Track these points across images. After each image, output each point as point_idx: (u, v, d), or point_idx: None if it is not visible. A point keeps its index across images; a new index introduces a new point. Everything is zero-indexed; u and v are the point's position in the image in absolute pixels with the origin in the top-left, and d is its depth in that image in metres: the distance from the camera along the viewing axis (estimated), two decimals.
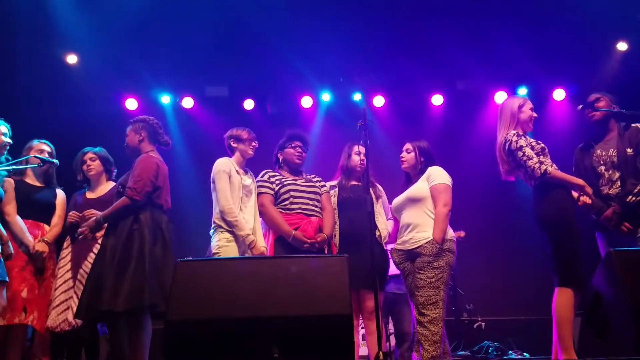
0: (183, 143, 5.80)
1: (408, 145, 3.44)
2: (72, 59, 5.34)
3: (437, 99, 6.05)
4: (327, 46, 5.36)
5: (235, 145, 3.44)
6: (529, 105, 3.25)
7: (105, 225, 3.05)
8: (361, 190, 3.33)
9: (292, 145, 3.50)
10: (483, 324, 5.20)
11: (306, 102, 6.01)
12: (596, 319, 2.01)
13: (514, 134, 3.12)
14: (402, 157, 3.41)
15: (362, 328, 3.70)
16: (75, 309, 3.10)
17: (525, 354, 4.45)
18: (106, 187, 3.56)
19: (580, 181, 3.06)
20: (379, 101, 6.05)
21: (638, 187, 3.04)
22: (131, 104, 5.77)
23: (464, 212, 5.50)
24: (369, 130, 3.04)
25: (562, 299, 2.84)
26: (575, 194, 3.08)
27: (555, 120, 5.90)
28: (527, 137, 3.14)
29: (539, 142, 3.14)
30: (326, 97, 6.03)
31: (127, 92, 5.77)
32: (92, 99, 5.39)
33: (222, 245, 3.14)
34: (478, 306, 5.29)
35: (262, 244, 3.25)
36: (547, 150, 3.13)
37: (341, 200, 3.48)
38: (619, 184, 3.12)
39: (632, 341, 1.80)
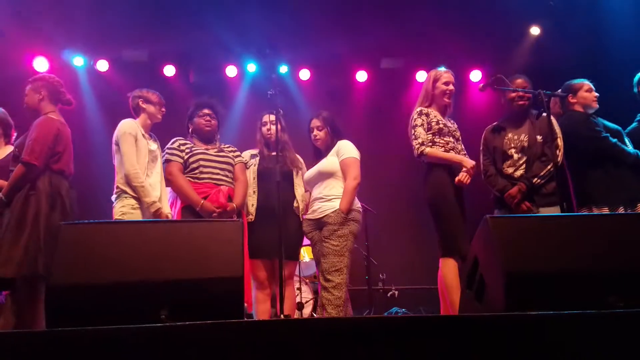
0: (97, 108, 5.53)
1: (317, 122, 3.47)
2: None
3: (362, 76, 6.15)
4: (253, 16, 5.28)
5: (144, 106, 3.31)
6: (443, 79, 3.30)
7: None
8: (278, 161, 3.35)
9: (200, 114, 3.44)
10: (396, 292, 5.43)
11: (231, 71, 5.90)
12: (474, 282, 2.16)
13: (418, 112, 3.25)
14: (316, 136, 3.45)
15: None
16: None
17: None
18: (4, 151, 3.35)
19: (457, 158, 3.17)
20: (304, 75, 6.06)
21: (545, 171, 3.23)
22: (41, 64, 5.40)
23: (383, 186, 5.71)
24: (280, 98, 3.07)
25: (447, 268, 3.02)
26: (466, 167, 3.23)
27: (472, 100, 6.17)
28: (429, 115, 3.22)
29: (441, 122, 3.23)
30: (252, 67, 5.95)
31: (36, 52, 5.39)
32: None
33: (126, 212, 3.04)
34: (392, 275, 5.51)
35: (168, 211, 3.20)
36: (446, 131, 3.22)
37: (260, 170, 3.48)
38: (524, 167, 3.31)
39: (502, 301, 1.96)
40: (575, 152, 3.34)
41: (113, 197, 3.15)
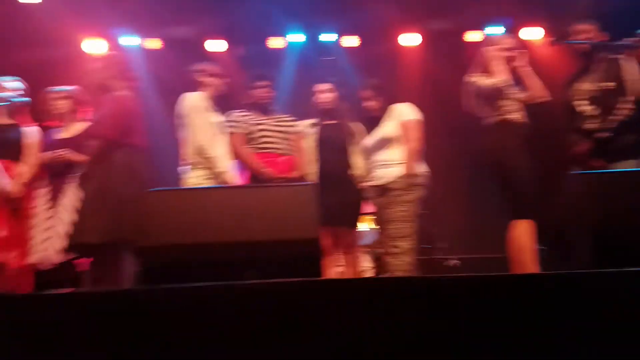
0: (149, 86, 5.63)
1: (367, 93, 3.37)
2: None
3: (411, 39, 5.99)
4: None
5: (207, 79, 3.34)
6: (503, 45, 3.13)
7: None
8: (337, 129, 3.33)
9: (258, 85, 3.45)
10: (458, 262, 5.33)
11: (276, 43, 5.88)
12: (560, 242, 2.09)
13: (469, 76, 3.14)
14: (369, 105, 3.37)
15: None
16: (53, 246, 3.13)
17: None
18: (78, 127, 3.45)
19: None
20: (351, 41, 5.95)
21: (614, 122, 3.00)
22: (94, 45, 5.55)
23: (443, 152, 5.58)
24: (336, 67, 3.03)
25: (521, 229, 2.88)
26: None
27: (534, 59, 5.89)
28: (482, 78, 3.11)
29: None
30: (297, 37, 5.89)
31: (89, 32, 5.53)
32: (52, 39, 5.18)
33: (198, 182, 3.11)
34: (453, 244, 5.41)
35: (236, 180, 3.25)
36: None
37: (319, 139, 3.48)
38: (597, 119, 3.09)
39: (590, 257, 1.89)
40: None
41: (183, 169, 3.23)
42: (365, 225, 4.99)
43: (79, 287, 3.29)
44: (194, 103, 3.19)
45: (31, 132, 3.41)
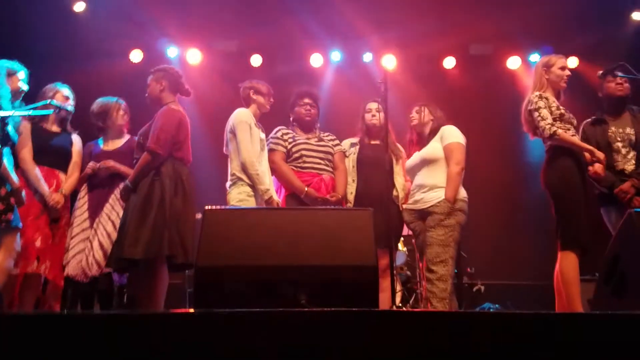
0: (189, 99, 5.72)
1: (412, 115, 3.41)
2: (79, 6, 5.20)
3: (449, 62, 5.98)
4: (339, 3, 5.26)
5: (254, 96, 3.37)
6: (558, 64, 3.22)
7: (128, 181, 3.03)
8: (381, 149, 3.33)
9: (300, 103, 3.47)
10: (482, 287, 5.27)
11: (316, 60, 5.91)
12: (614, 277, 2.05)
13: (536, 96, 3.14)
14: (413, 127, 3.39)
15: None
16: (90, 258, 3.14)
17: None
18: (123, 139, 3.52)
19: (590, 147, 3.11)
20: (389, 61, 5.96)
21: None
22: (136, 56, 5.66)
23: (472, 176, 5.53)
24: (387, 89, 3.05)
25: (567, 262, 2.91)
26: (589, 158, 3.12)
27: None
28: (549, 99, 3.13)
29: (561, 107, 3.14)
30: (336, 56, 5.93)
31: (133, 44, 5.64)
32: (97, 49, 5.30)
33: (242, 199, 3.11)
34: (478, 270, 5.36)
35: (277, 198, 3.25)
36: (567, 117, 3.14)
37: (360, 159, 3.47)
38: (634, 162, 3.21)
39: None
40: None
41: (227, 184, 3.23)
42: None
43: (115, 301, 3.28)
44: (242, 118, 3.21)
45: (75, 141, 3.43)
